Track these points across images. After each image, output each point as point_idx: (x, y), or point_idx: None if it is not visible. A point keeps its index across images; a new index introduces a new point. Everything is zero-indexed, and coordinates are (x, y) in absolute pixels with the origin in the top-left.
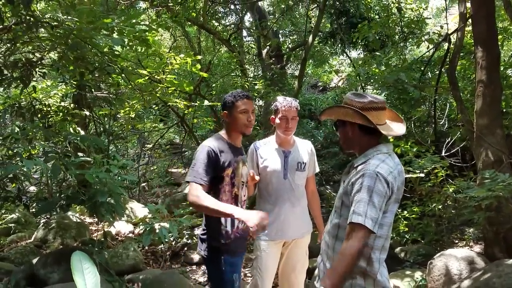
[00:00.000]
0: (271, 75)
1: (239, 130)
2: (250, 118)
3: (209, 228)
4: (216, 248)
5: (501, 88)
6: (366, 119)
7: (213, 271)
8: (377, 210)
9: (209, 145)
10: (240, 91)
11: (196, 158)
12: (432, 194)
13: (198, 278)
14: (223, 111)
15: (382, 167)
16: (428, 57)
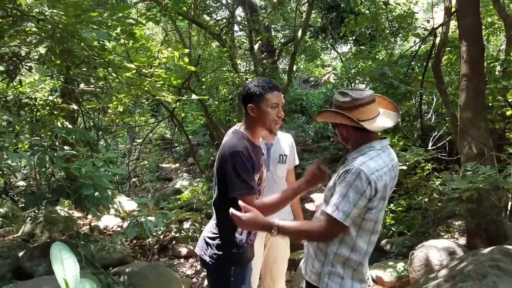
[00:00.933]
0: (263, 70)
1: (267, 127)
2: (280, 113)
3: (220, 232)
4: (226, 258)
5: (485, 82)
6: (351, 120)
7: (218, 281)
8: (351, 204)
9: (240, 148)
10: (267, 80)
11: (232, 167)
12: (419, 187)
13: (186, 271)
14: (247, 103)
15: (368, 165)
16: (414, 52)
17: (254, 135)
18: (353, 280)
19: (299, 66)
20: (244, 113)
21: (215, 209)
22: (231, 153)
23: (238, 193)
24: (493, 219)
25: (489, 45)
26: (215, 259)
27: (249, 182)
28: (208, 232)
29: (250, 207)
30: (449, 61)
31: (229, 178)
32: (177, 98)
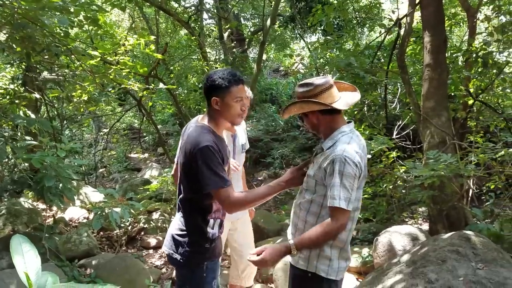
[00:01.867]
0: (233, 59)
1: (231, 120)
2: (244, 107)
3: (190, 228)
4: (199, 254)
5: (448, 72)
6: (320, 104)
7: (190, 278)
8: (349, 191)
9: (208, 142)
10: (233, 73)
11: (204, 162)
12: (384, 175)
13: (155, 262)
14: (211, 95)
15: (349, 151)
16: (380, 42)
17: (218, 127)
18: (340, 259)
19: (269, 56)
20: (207, 105)
21: (183, 205)
22: (201, 148)
23: (214, 187)
24: (454, 205)
25: (452, 36)
26: (187, 256)
27: (223, 175)
28: (176, 230)
29: (260, 248)
30: (413, 51)
31: (202, 174)
32: (144, 87)
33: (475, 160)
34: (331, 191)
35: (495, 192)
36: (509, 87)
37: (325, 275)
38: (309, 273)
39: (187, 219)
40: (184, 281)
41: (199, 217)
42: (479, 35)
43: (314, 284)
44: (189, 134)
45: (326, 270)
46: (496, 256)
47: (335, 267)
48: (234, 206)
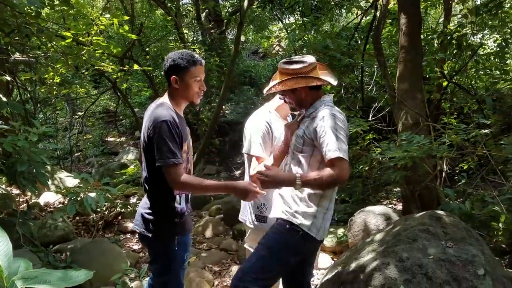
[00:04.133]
0: (211, 40)
1: (189, 99)
2: (203, 87)
3: (158, 205)
4: (169, 229)
5: (422, 54)
6: (318, 79)
7: (162, 253)
8: (344, 141)
9: (167, 118)
10: (191, 54)
11: (159, 136)
12: (360, 157)
13: (132, 246)
14: (171, 74)
15: (334, 110)
16: (356, 24)
17: (177, 106)
18: (324, 220)
19: (248, 37)
20: (168, 84)
21: (148, 184)
22: (158, 123)
23: (166, 161)
24: (427, 185)
25: (428, 18)
26: (158, 232)
27: (176, 151)
28: (145, 209)
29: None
30: (390, 33)
31: (157, 147)
32: (118, 69)
33: (448, 141)
34: (328, 146)
35: (467, 172)
36: (482, 69)
37: (307, 229)
38: (288, 224)
39: (154, 197)
40: (156, 257)
41: (165, 194)
42: (454, 17)
43: (289, 236)
44: (149, 112)
45: (309, 226)
46: (465, 235)
47: (318, 225)
48: (179, 185)
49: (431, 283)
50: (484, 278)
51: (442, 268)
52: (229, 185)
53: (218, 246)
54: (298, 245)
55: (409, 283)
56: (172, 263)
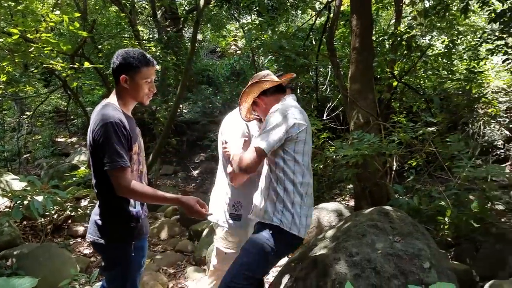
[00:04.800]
0: (167, 38)
1: (139, 100)
2: (153, 89)
3: (112, 210)
4: (126, 234)
5: (373, 55)
6: (266, 81)
7: (118, 260)
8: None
9: (113, 119)
10: (144, 53)
11: (105, 139)
12: (315, 155)
13: (83, 250)
14: (121, 73)
15: (281, 106)
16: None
17: (125, 106)
18: (301, 216)
19: (205, 36)
20: (115, 83)
21: (99, 190)
22: (103, 125)
23: (113, 165)
24: (377, 182)
25: (380, 19)
26: (114, 238)
27: (123, 154)
28: (97, 215)
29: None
30: (343, 34)
31: (103, 150)
32: (67, 66)
33: (397, 139)
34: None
35: (415, 169)
36: (431, 69)
37: (288, 229)
38: (271, 227)
39: (106, 202)
40: (113, 264)
41: (118, 197)
42: (405, 19)
43: (275, 238)
44: (95, 112)
45: (290, 225)
46: (411, 230)
47: (298, 223)
48: (125, 190)
49: (379, 277)
50: (429, 271)
51: (390, 262)
52: (178, 199)
53: (173, 247)
54: (283, 247)
55: (358, 278)
56: (128, 269)
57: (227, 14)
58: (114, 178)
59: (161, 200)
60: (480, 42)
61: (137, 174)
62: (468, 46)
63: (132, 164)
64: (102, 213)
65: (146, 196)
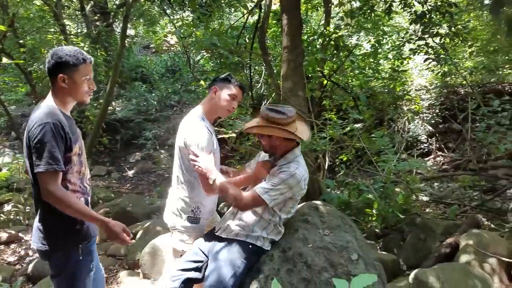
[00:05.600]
0: (97, 33)
1: (78, 99)
2: (92, 86)
3: (55, 214)
4: (71, 237)
5: (303, 54)
6: (292, 134)
7: (66, 265)
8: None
9: (51, 120)
10: (80, 51)
11: (40, 140)
12: (252, 152)
13: (7, 258)
14: (57, 73)
15: (300, 170)
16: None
17: (64, 106)
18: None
19: (138, 32)
20: (52, 83)
21: (35, 194)
22: (39, 126)
23: (44, 167)
24: (310, 177)
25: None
26: (59, 243)
27: (58, 156)
28: (40, 221)
29: None
30: (275, 33)
31: (37, 152)
32: None
33: (328, 136)
34: (265, 184)
35: (345, 164)
36: (358, 68)
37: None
38: (250, 245)
39: (46, 208)
40: (60, 270)
41: None
42: (333, 19)
43: (250, 255)
44: (33, 114)
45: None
46: (340, 223)
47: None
48: (51, 196)
49: (310, 270)
50: (357, 263)
51: (320, 256)
52: (105, 222)
53: (105, 252)
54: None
55: (290, 273)
56: (77, 274)
57: (160, 9)
58: (43, 181)
59: (86, 216)
60: (403, 42)
61: (78, 176)
62: (393, 46)
63: (72, 166)
64: (43, 219)
65: (72, 208)
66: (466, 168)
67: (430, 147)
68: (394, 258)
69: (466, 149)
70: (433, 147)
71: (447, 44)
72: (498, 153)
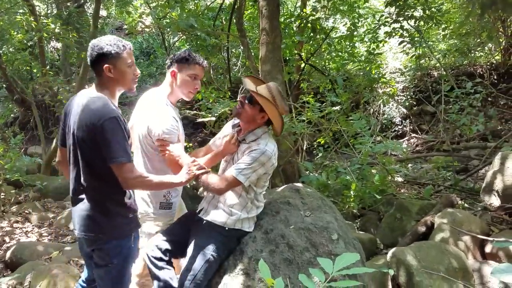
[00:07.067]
0: (67, 14)
1: (127, 86)
2: (136, 71)
3: (112, 205)
4: (124, 225)
5: (281, 36)
6: (282, 126)
7: (117, 253)
8: (252, 172)
9: (116, 114)
10: (118, 38)
11: (112, 134)
12: None
13: None
14: (102, 64)
15: (270, 146)
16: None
17: (113, 97)
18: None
19: (110, 12)
20: (96, 75)
21: (90, 184)
22: (107, 120)
23: (119, 160)
24: (289, 160)
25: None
26: (114, 232)
27: (128, 149)
28: (91, 211)
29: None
30: (252, 15)
31: (109, 146)
32: None
33: (306, 119)
34: (238, 165)
35: (323, 146)
36: (334, 51)
37: (241, 227)
38: (227, 227)
39: (103, 197)
40: (111, 259)
41: (115, 191)
42: (310, 1)
43: (230, 238)
44: (85, 107)
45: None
46: (320, 204)
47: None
48: (134, 184)
49: (292, 251)
50: (337, 242)
51: (302, 236)
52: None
53: None
54: (235, 244)
55: (273, 253)
56: (129, 261)
57: None
58: (122, 172)
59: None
60: (378, 25)
61: None
62: (368, 29)
63: None
64: (96, 208)
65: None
66: (440, 149)
67: (404, 129)
68: (372, 237)
69: (440, 131)
70: (407, 129)
71: (421, 27)
72: (470, 134)
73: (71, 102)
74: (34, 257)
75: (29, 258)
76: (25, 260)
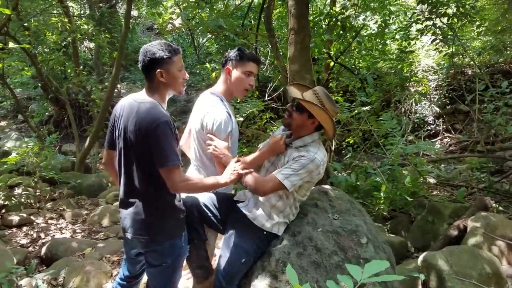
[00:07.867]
0: (100, 14)
1: (177, 90)
2: (185, 75)
3: (163, 207)
4: (175, 226)
5: (310, 35)
6: (334, 129)
7: (170, 253)
8: (298, 179)
9: (167, 118)
10: (168, 43)
11: (164, 138)
12: (258, 135)
13: (20, 240)
14: (154, 68)
15: (320, 155)
16: (249, 4)
17: (163, 101)
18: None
19: (141, 12)
20: (148, 80)
21: (144, 186)
22: (160, 124)
23: (170, 164)
24: None
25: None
26: (166, 233)
27: (178, 152)
28: (145, 214)
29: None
30: (281, 14)
31: (161, 150)
32: None
33: (336, 119)
34: (286, 170)
35: (352, 147)
36: (364, 49)
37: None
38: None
39: (156, 200)
40: (164, 259)
41: (166, 193)
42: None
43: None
44: (138, 111)
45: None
46: (349, 207)
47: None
48: (181, 187)
49: (320, 254)
50: (367, 246)
51: (330, 239)
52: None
53: (116, 234)
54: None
55: (301, 256)
56: (179, 260)
57: None
58: (171, 176)
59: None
60: (410, 23)
61: None
62: (400, 26)
63: None
64: (150, 211)
65: (203, 186)
66: (474, 150)
67: (437, 129)
68: (402, 240)
69: (474, 131)
70: (440, 128)
71: (454, 24)
72: (506, 134)
73: (120, 105)
74: (68, 253)
75: (63, 254)
76: (59, 256)
